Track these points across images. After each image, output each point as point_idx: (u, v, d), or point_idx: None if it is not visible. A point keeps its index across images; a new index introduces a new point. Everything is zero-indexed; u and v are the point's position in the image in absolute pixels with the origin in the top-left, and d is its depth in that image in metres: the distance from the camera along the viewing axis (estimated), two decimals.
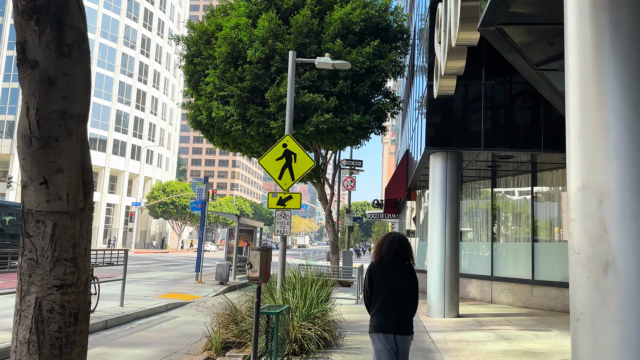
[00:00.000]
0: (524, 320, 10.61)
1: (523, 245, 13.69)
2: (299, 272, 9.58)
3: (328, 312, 9.06)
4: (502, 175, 14.50)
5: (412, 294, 4.10)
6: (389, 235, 4.30)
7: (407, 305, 4.05)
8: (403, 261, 4.14)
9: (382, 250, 4.18)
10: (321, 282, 9.65)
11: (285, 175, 8.88)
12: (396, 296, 4.01)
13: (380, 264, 4.13)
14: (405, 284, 4.05)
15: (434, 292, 11.11)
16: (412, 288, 4.10)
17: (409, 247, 4.18)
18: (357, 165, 25.30)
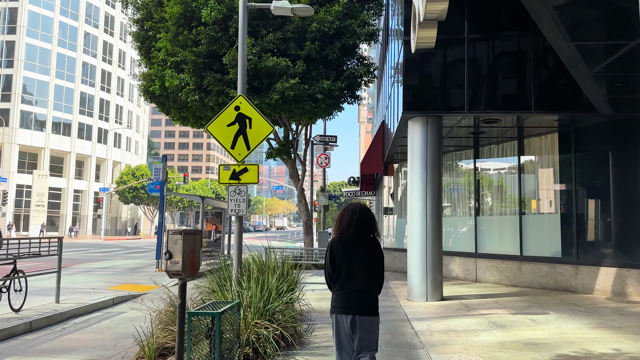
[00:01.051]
0: (515, 302, 9.53)
1: (510, 219, 12.61)
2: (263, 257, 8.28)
3: (294, 303, 7.78)
4: (485, 144, 13.33)
5: (378, 270, 3.84)
6: (349, 207, 3.95)
7: (372, 283, 3.80)
8: (367, 234, 3.84)
9: (343, 225, 3.86)
10: (287, 267, 8.36)
11: (239, 144, 7.48)
12: (360, 273, 3.75)
13: (341, 240, 3.83)
14: (369, 260, 3.79)
15: (415, 273, 9.94)
16: (378, 263, 3.84)
17: (372, 219, 3.86)
18: (331, 141, 23.97)
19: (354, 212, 3.86)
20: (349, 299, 3.75)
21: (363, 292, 3.76)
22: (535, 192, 12.12)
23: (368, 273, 3.79)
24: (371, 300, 3.80)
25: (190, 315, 4.60)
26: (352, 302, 3.74)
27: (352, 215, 3.84)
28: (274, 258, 8.33)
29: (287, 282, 7.63)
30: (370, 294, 3.81)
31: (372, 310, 3.80)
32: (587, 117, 10.57)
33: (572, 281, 10.81)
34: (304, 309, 8.09)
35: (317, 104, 13.66)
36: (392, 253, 16.56)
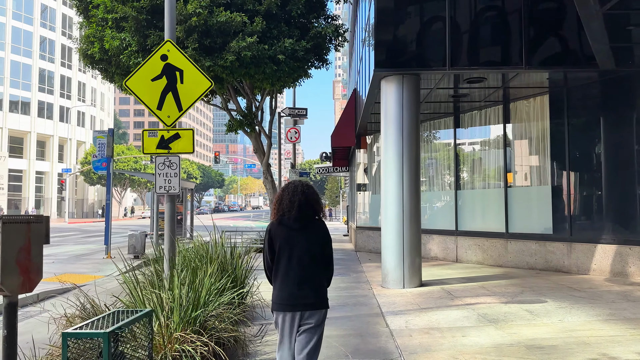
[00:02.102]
0: (504, 287, 8.33)
1: (494, 192, 11.38)
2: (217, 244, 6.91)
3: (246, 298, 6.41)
4: (466, 110, 12.01)
5: (325, 257, 3.40)
6: (289, 185, 3.47)
7: (318, 272, 3.33)
8: (311, 216, 3.39)
9: (283, 206, 3.37)
10: (237, 255, 6.95)
11: (169, 104, 5.94)
12: (304, 262, 3.28)
13: (281, 223, 3.35)
14: (314, 246, 3.32)
15: (391, 256, 8.63)
16: (326, 249, 3.40)
17: (316, 198, 3.42)
18: (301, 113, 22.38)
19: (295, 192, 3.37)
20: (292, 293, 3.25)
21: (309, 283, 3.27)
22: (522, 162, 10.89)
23: (314, 261, 3.30)
24: (319, 292, 3.32)
25: (65, 337, 3.15)
26: (297, 296, 3.25)
27: (293, 195, 3.35)
28: (221, 244, 6.93)
29: (232, 275, 6.21)
30: (318, 284, 3.32)
31: (320, 304, 3.31)
32: (583, 75, 9.30)
33: (565, 260, 9.67)
34: (260, 304, 6.74)
35: (280, 67, 12.09)
36: (365, 232, 15.29)
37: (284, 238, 3.30)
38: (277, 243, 3.32)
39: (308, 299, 3.25)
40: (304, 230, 3.31)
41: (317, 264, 3.31)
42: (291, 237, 3.30)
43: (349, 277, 10.14)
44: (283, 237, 3.30)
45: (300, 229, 3.30)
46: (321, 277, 3.36)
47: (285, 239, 3.29)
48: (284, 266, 3.29)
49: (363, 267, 11.50)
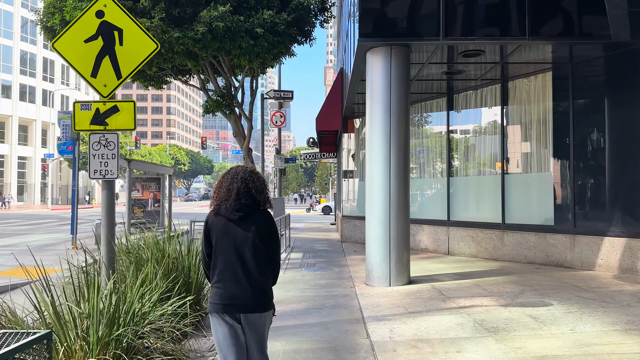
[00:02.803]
0: (502, 285, 7.44)
1: (489, 179, 10.47)
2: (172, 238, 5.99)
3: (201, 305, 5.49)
4: (460, 90, 11.04)
5: (269, 252, 2.99)
6: (230, 171, 3.03)
7: (260, 269, 2.92)
8: (253, 207, 2.95)
9: (221, 194, 2.97)
10: (192, 255, 5.99)
11: (105, 70, 4.90)
12: (244, 257, 2.90)
13: (219, 214, 2.95)
14: (256, 240, 2.91)
15: (375, 250, 7.70)
16: (270, 243, 2.98)
17: (260, 186, 2.99)
18: (287, 96, 21.32)
19: (234, 179, 2.98)
20: (230, 292, 2.88)
21: (249, 282, 2.89)
22: (521, 147, 9.96)
23: (256, 256, 2.93)
24: (262, 292, 2.92)
25: None
26: (236, 296, 2.87)
27: (232, 183, 2.98)
28: (176, 236, 5.97)
29: (185, 277, 5.26)
30: (260, 283, 2.93)
31: (264, 305, 2.91)
32: (591, 50, 8.36)
33: (568, 254, 8.80)
34: None
35: (258, 42, 11.02)
36: (352, 221, 14.37)
37: (221, 230, 2.94)
38: (214, 236, 2.96)
39: (248, 299, 2.87)
40: (244, 222, 2.92)
41: (259, 259, 2.94)
42: (229, 230, 2.92)
43: (330, 272, 9.22)
44: (220, 229, 2.94)
45: (240, 220, 2.92)
46: (264, 274, 2.97)
47: (222, 232, 2.93)
48: (222, 262, 2.94)
49: (347, 261, 10.59)
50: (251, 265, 2.91)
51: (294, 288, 7.68)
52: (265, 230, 2.95)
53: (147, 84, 16.35)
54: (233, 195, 2.91)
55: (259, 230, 2.92)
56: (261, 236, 2.93)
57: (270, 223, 3.01)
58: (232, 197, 2.91)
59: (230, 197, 2.92)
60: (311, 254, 11.88)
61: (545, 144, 9.44)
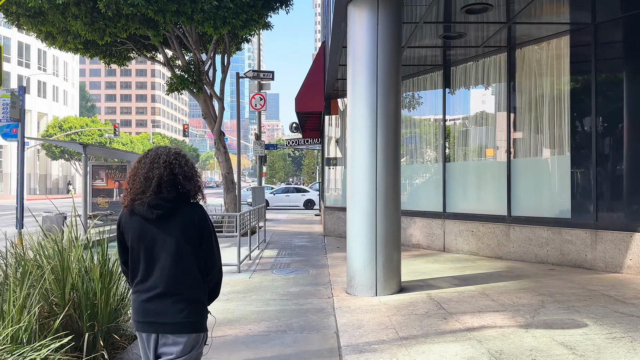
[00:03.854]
0: (514, 293, 6.00)
1: (493, 165, 9.03)
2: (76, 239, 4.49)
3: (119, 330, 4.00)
4: (459, 61, 9.53)
5: (203, 258, 2.34)
6: (149, 154, 2.35)
7: (188, 279, 2.28)
8: (178, 200, 2.29)
9: (137, 184, 2.29)
10: (106, 263, 4.45)
11: None
12: (166, 266, 2.26)
13: (135, 211, 2.29)
14: (182, 244, 2.26)
15: (358, 251, 6.21)
16: (201, 247, 2.32)
17: (188, 172, 2.33)
18: (266, 76, 19.67)
19: (154, 164, 2.27)
20: (147, 307, 2.26)
21: (172, 296, 2.25)
22: (530, 127, 8.50)
23: (182, 263, 2.26)
24: (188, 309, 2.26)
25: None
26: (152, 311, 2.25)
27: (151, 169, 2.26)
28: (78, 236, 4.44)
29: (73, 306, 3.73)
30: (187, 297, 2.27)
31: (190, 325, 2.26)
32: (621, 3, 6.88)
33: (588, 253, 7.39)
34: None
35: (222, 3, 9.38)
36: (335, 213, 12.88)
37: (137, 232, 2.26)
38: (129, 238, 2.29)
39: (168, 317, 2.24)
40: (166, 222, 2.24)
41: (186, 268, 2.27)
42: (146, 233, 2.25)
43: (306, 275, 7.73)
44: (136, 230, 2.26)
45: (161, 218, 2.23)
46: (194, 286, 2.30)
47: (138, 234, 2.26)
48: (141, 271, 2.29)
49: (327, 259, 9.11)
50: (175, 275, 2.28)
51: (258, 299, 6.17)
52: (196, 230, 2.29)
53: (109, 60, 14.62)
54: (153, 186, 2.23)
55: (187, 231, 2.27)
56: (190, 238, 2.28)
57: (202, 220, 2.33)
58: (152, 189, 2.23)
59: (149, 189, 2.23)
60: (287, 251, 10.39)
61: (560, 123, 7.98)
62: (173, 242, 2.26)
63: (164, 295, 2.27)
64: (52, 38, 12.28)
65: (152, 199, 2.23)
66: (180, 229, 2.26)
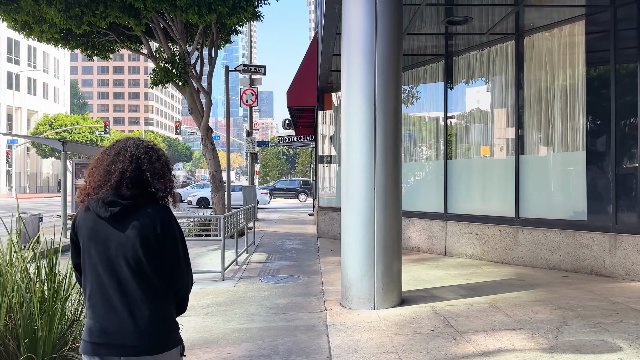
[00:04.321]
0: (530, 306, 5.33)
1: (499, 163, 8.36)
2: None
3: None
4: (462, 50, 8.85)
5: (166, 266, 1.99)
6: (116, 144, 2.05)
7: (150, 291, 1.95)
8: (139, 198, 1.97)
9: (96, 177, 1.98)
10: None
11: None
12: (121, 276, 1.93)
13: (90, 210, 1.97)
14: (139, 249, 1.92)
15: (355, 259, 5.52)
16: (164, 256, 1.98)
17: (161, 169, 2.03)
18: (258, 71, 18.93)
19: (121, 156, 1.98)
20: (103, 326, 1.91)
21: (130, 312, 1.90)
22: (541, 121, 7.82)
23: (141, 273, 1.93)
24: (151, 327, 1.92)
25: None
26: (109, 331, 1.90)
27: (115, 162, 1.97)
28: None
29: None
30: (149, 313, 1.92)
31: (156, 345, 1.92)
32: None
33: (607, 259, 6.74)
34: None
35: None
36: (329, 213, 12.19)
37: (89, 231, 1.94)
38: (82, 241, 1.97)
39: (127, 338, 1.89)
40: (122, 222, 1.93)
41: (147, 278, 1.93)
42: (100, 233, 1.94)
43: (296, 283, 7.04)
44: (88, 231, 1.95)
45: (115, 219, 1.93)
46: (158, 298, 1.95)
47: (90, 236, 1.94)
48: (92, 281, 1.95)
49: (321, 265, 8.41)
50: (132, 286, 1.91)
51: (241, 314, 5.47)
52: (157, 235, 1.92)
53: (91, 52, 13.85)
54: (112, 181, 1.91)
55: (145, 234, 1.91)
56: (148, 244, 1.91)
57: (166, 224, 1.96)
58: (111, 184, 1.91)
59: (107, 184, 1.91)
60: (278, 255, 9.68)
61: (574, 117, 7.31)
62: (130, 247, 1.93)
63: (120, 309, 1.93)
64: (28, 28, 11.53)
65: (108, 195, 1.92)
66: (139, 232, 1.93)
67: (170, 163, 2.12)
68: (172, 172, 2.13)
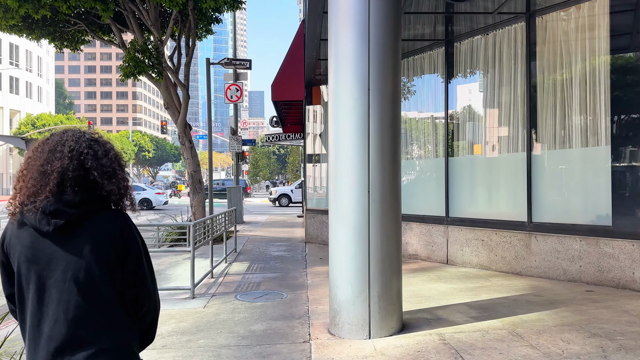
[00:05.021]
0: (556, 332, 4.39)
1: (508, 160, 7.44)
2: None
3: None
4: (464, 35, 7.91)
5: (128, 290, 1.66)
6: (51, 139, 1.69)
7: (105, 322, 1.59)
8: (88, 205, 1.61)
9: (27, 182, 1.63)
10: None
11: None
12: (70, 303, 1.57)
13: (25, 220, 1.61)
14: (95, 268, 1.58)
15: (345, 277, 4.55)
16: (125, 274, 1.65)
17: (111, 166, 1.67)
18: (242, 65, 17.93)
19: (58, 152, 1.62)
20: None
21: (82, 347, 1.54)
22: (555, 113, 6.90)
23: (95, 298, 1.58)
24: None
25: None
26: None
27: (50, 160, 1.62)
28: None
29: None
30: (106, 347, 1.57)
31: None
32: None
33: (636, 270, 5.82)
34: None
35: None
36: (318, 216, 11.22)
37: (27, 251, 1.58)
38: (15, 263, 1.60)
39: None
40: (71, 235, 1.58)
41: (103, 303, 1.58)
42: (41, 250, 1.58)
43: (278, 301, 6.05)
44: (26, 249, 1.58)
45: (62, 231, 1.57)
46: (117, 329, 1.60)
47: (28, 254, 1.58)
48: (35, 313, 1.57)
49: (307, 277, 7.43)
50: (87, 317, 1.55)
51: (206, 346, 4.47)
52: (116, 248, 1.60)
53: (59, 43, 12.77)
54: (51, 185, 1.57)
55: (102, 250, 1.58)
56: (106, 261, 1.58)
57: (126, 234, 1.64)
58: (50, 189, 1.57)
59: (46, 188, 1.57)
60: (260, 265, 8.69)
61: (595, 108, 6.40)
62: (81, 267, 1.57)
63: (71, 346, 1.54)
64: (17, 29, 10.50)
65: (49, 202, 1.56)
66: (92, 247, 1.58)
67: (121, 159, 1.74)
68: (125, 170, 1.73)
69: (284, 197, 31.18)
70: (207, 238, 7.39)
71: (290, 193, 31.41)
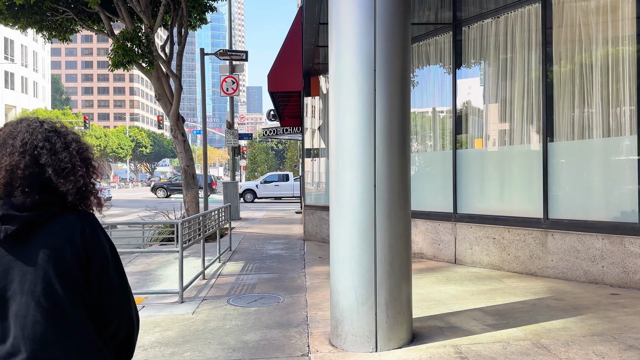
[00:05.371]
0: (587, 342, 3.89)
1: (521, 152, 6.92)
2: None
3: None
4: (474, 18, 7.38)
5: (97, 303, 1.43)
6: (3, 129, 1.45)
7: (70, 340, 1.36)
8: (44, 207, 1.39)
9: None
10: None
11: None
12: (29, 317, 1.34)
13: None
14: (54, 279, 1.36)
15: (348, 283, 4.04)
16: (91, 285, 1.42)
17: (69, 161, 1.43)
18: (239, 57, 17.37)
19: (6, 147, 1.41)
20: None
21: None
22: (574, 101, 6.38)
23: (57, 314, 1.36)
24: None
25: None
26: None
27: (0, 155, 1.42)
28: None
29: None
30: None
31: None
32: None
33: None
34: None
35: None
36: (317, 213, 10.71)
37: None
38: None
39: None
40: (26, 243, 1.38)
41: (66, 320, 1.36)
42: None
43: (274, 306, 5.54)
44: None
45: (15, 239, 1.37)
46: (83, 348, 1.38)
47: None
48: None
49: (306, 278, 6.93)
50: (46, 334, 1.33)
51: (192, 358, 3.96)
52: (78, 255, 1.38)
53: (48, 33, 12.24)
54: (4, 185, 1.38)
55: (63, 259, 1.36)
56: (66, 271, 1.36)
57: (89, 239, 1.42)
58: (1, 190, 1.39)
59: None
60: (256, 264, 8.18)
61: (618, 96, 5.88)
62: (39, 279, 1.35)
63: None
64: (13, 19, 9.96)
65: (5, 205, 1.37)
66: (50, 255, 1.36)
67: (88, 151, 1.50)
68: (92, 164, 1.50)
69: (248, 193, 29.51)
70: (199, 237, 6.88)
71: (255, 188, 29.88)
